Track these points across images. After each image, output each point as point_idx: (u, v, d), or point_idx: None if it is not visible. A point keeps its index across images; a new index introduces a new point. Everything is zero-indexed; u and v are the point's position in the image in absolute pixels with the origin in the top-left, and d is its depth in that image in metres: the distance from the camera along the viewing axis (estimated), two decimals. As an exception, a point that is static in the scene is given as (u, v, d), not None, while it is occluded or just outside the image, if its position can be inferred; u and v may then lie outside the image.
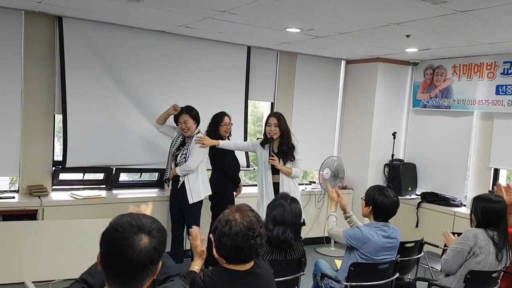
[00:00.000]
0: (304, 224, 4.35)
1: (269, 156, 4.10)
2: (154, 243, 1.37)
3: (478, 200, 3.07)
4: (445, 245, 3.26)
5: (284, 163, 4.15)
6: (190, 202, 4.14)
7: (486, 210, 2.99)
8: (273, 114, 4.23)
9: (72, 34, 4.41)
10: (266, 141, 4.17)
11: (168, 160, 4.34)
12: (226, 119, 4.46)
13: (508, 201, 3.18)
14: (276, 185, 4.19)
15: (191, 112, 4.20)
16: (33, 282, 3.92)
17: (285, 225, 2.74)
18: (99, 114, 4.62)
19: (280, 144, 4.15)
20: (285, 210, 2.77)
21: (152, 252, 1.35)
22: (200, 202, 4.23)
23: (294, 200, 2.88)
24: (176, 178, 4.24)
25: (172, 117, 4.37)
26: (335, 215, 3.33)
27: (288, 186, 4.16)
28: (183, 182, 4.17)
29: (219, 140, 4.31)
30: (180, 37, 4.91)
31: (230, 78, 5.31)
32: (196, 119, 4.23)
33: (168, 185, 4.41)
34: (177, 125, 4.29)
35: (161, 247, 1.39)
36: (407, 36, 4.19)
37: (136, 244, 1.33)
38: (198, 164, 4.17)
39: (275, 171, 4.16)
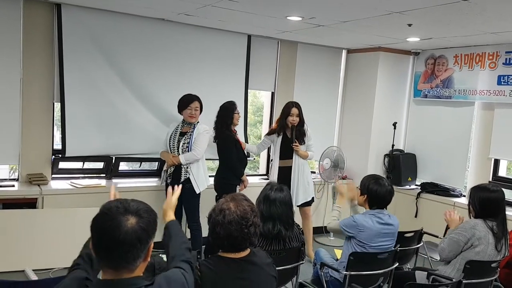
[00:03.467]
0: (313, 201, 4.86)
1: (293, 142, 4.58)
2: (142, 222, 1.41)
3: (475, 190, 3.07)
4: (447, 227, 3.26)
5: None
6: (197, 191, 4.15)
7: (484, 200, 2.99)
8: (294, 104, 4.66)
9: (71, 22, 4.37)
10: (281, 129, 4.67)
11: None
12: (237, 107, 4.51)
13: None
14: (288, 169, 4.65)
15: (200, 101, 4.23)
16: (33, 270, 3.94)
17: (273, 219, 2.73)
18: (98, 103, 4.60)
19: (295, 131, 4.63)
20: (271, 203, 2.75)
21: (140, 232, 1.40)
22: (200, 192, 4.23)
23: (280, 189, 2.84)
24: (176, 171, 4.18)
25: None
26: (339, 211, 3.34)
27: (302, 169, 4.65)
28: (186, 173, 4.13)
29: (246, 144, 4.89)
30: (180, 25, 4.87)
31: (230, 67, 5.27)
32: (201, 109, 4.25)
33: (167, 179, 4.28)
34: (182, 111, 4.21)
35: (149, 227, 1.43)
36: (409, 25, 4.15)
37: (123, 225, 1.38)
38: (203, 153, 4.18)
39: (287, 155, 4.64)
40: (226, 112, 4.40)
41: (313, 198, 4.83)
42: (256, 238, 2.01)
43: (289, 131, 4.64)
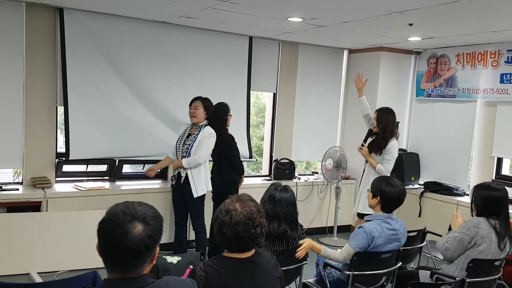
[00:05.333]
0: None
1: (360, 145, 4.47)
2: (149, 230, 1.40)
3: (477, 188, 3.06)
4: (449, 228, 3.25)
5: (369, 153, 4.41)
6: (195, 196, 4.10)
7: (486, 198, 2.98)
8: (378, 109, 4.48)
9: (73, 26, 4.40)
10: (370, 132, 4.53)
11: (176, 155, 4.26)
12: (230, 109, 4.47)
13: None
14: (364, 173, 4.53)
15: (205, 102, 4.20)
16: (38, 273, 3.96)
17: (278, 219, 2.73)
18: (101, 106, 4.63)
19: (376, 137, 4.42)
20: (276, 203, 2.75)
21: (147, 239, 1.39)
22: (204, 194, 4.23)
23: (285, 189, 2.84)
24: (179, 173, 4.17)
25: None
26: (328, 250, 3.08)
27: (368, 177, 4.36)
28: (186, 175, 4.12)
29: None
30: (181, 27, 4.89)
31: (232, 69, 5.28)
32: (207, 110, 4.20)
33: (171, 180, 4.30)
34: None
35: (156, 234, 1.43)
36: (410, 24, 4.15)
37: (130, 232, 1.37)
38: (207, 157, 4.16)
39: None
40: (219, 114, 4.37)
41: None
42: (262, 238, 2.01)
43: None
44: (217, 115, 4.35)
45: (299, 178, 5.82)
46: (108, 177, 4.90)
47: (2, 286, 2.12)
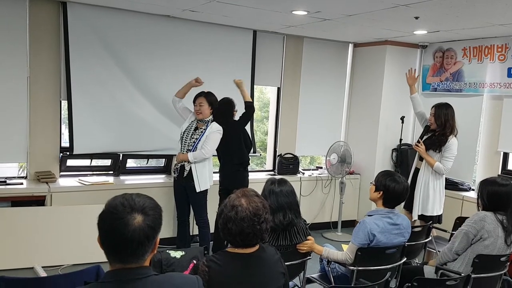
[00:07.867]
0: (434, 221, 4.16)
1: (419, 142, 4.29)
2: (148, 220, 1.43)
3: (484, 184, 3.04)
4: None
5: (426, 150, 4.23)
6: (197, 190, 4.11)
7: (492, 194, 2.95)
8: (435, 104, 4.34)
9: (77, 20, 4.39)
10: (428, 128, 4.35)
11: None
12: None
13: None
14: (417, 171, 4.35)
15: (209, 97, 4.18)
16: (42, 267, 3.98)
17: (283, 209, 2.75)
18: (105, 100, 4.62)
19: (433, 134, 4.27)
20: (277, 195, 2.77)
21: (147, 229, 1.42)
22: (207, 189, 4.22)
23: (282, 182, 2.84)
24: (182, 166, 4.16)
25: (173, 109, 4.37)
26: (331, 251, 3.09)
27: (424, 175, 4.24)
28: (190, 170, 4.11)
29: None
30: (185, 21, 4.87)
31: (235, 63, 5.25)
32: (212, 105, 4.19)
33: (174, 172, 4.33)
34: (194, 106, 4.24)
35: (155, 223, 1.45)
36: (416, 18, 4.11)
37: (130, 223, 1.40)
38: (213, 152, 4.16)
39: (421, 157, 4.31)
40: (225, 109, 4.36)
41: (435, 218, 4.17)
42: (267, 234, 2.00)
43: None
44: (222, 111, 4.33)
45: (303, 173, 5.80)
46: (112, 172, 4.90)
47: (7, 281, 2.12)
